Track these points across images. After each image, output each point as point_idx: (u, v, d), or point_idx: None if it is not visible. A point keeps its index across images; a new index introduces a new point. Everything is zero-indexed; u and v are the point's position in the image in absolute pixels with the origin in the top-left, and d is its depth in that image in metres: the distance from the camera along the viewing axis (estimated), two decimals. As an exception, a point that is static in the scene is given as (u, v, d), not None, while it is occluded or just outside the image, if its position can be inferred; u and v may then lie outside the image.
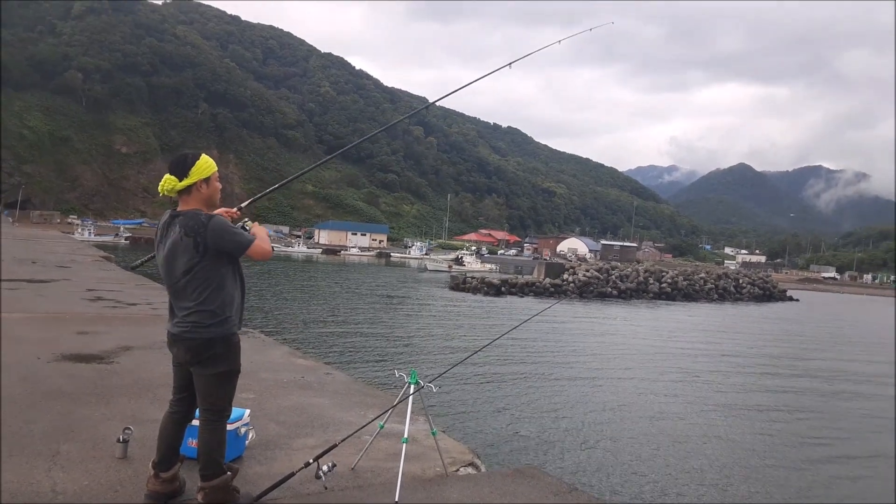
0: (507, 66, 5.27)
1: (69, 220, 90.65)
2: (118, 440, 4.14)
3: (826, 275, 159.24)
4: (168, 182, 3.41)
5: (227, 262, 3.43)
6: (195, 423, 3.58)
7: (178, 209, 3.48)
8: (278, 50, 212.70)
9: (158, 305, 11.31)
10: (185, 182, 3.40)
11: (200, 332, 3.37)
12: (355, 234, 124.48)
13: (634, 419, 15.45)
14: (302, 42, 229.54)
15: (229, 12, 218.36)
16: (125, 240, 75.73)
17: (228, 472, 3.51)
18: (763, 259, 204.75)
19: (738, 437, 14.70)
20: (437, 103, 5.79)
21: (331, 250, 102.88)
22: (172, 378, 3.62)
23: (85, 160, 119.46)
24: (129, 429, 4.19)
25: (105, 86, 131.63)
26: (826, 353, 31.46)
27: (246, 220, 3.79)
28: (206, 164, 3.46)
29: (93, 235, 70.31)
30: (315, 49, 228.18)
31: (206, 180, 3.47)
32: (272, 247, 3.59)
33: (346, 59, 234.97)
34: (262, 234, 3.57)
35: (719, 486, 11.36)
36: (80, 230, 72.41)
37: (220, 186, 3.60)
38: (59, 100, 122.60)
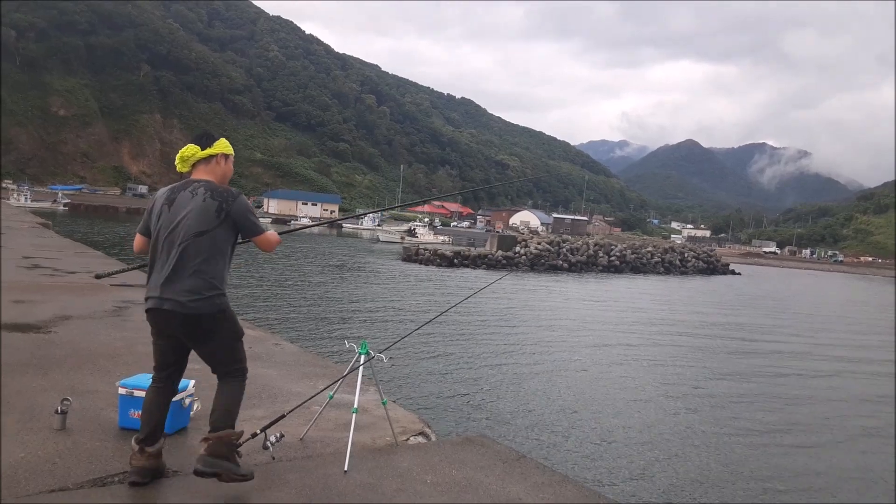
0: None
1: (4, 185, 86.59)
2: (56, 411, 4.00)
3: (767, 249, 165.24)
4: (189, 149, 3.46)
5: (234, 238, 3.43)
6: (139, 394, 3.47)
7: (193, 178, 3.49)
8: (224, 11, 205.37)
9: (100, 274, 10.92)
10: (209, 151, 3.47)
11: (201, 306, 3.29)
12: (306, 203, 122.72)
13: (581, 387, 15.84)
14: (249, 4, 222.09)
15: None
16: (64, 206, 73.24)
17: (242, 431, 3.45)
18: (708, 234, 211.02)
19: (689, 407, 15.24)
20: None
21: (280, 220, 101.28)
22: (155, 353, 3.50)
23: (20, 122, 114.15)
24: (67, 400, 4.06)
25: (40, 44, 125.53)
26: (750, 316, 33.83)
27: None
28: (227, 143, 3.57)
29: (30, 201, 67.77)
30: (263, 12, 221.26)
31: (227, 157, 3.54)
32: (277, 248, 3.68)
33: (296, 23, 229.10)
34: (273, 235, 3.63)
35: (660, 457, 11.78)
36: (16, 195, 69.78)
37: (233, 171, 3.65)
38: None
